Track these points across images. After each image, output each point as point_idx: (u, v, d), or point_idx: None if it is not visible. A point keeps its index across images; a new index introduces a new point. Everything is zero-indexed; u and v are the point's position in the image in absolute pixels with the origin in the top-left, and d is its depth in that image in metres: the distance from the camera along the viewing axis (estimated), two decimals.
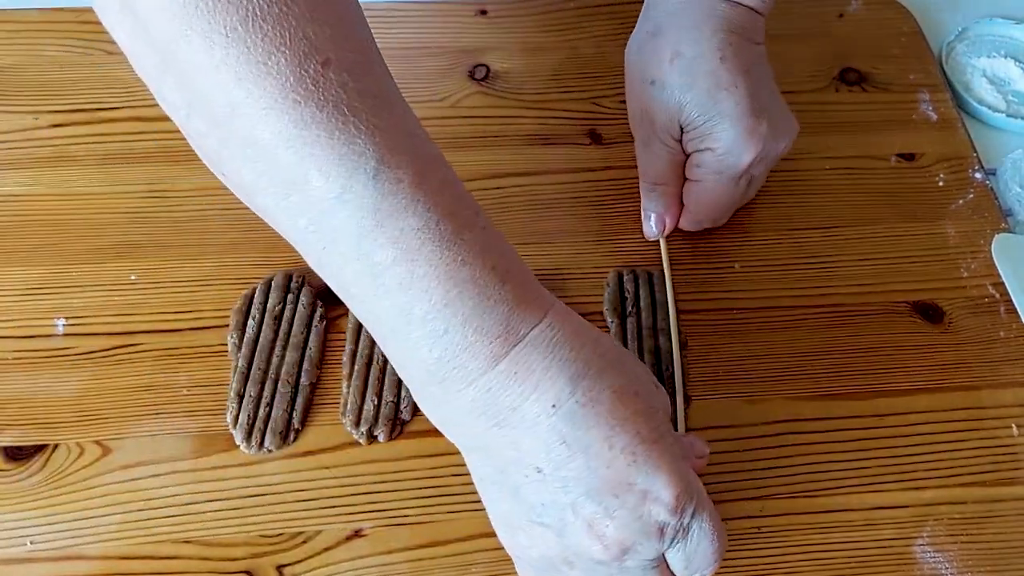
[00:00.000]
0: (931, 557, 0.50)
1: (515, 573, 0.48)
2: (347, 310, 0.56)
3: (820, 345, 0.57)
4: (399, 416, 0.52)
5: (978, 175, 0.65)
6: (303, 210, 0.35)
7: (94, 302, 0.55)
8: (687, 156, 0.57)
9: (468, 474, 0.51)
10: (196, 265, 0.57)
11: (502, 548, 0.48)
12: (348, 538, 0.49)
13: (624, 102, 0.67)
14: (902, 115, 0.68)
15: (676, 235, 0.60)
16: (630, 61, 0.59)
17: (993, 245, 0.60)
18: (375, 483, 0.51)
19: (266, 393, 0.52)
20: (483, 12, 0.71)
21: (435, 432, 0.52)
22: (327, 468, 0.51)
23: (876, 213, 0.63)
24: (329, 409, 0.53)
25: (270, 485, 0.50)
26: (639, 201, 0.61)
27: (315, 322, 0.55)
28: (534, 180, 0.62)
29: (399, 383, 0.53)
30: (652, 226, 0.58)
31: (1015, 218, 0.64)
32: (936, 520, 0.51)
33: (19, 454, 0.50)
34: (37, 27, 0.67)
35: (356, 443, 0.52)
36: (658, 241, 0.59)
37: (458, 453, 0.52)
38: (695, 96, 0.54)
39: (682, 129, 0.56)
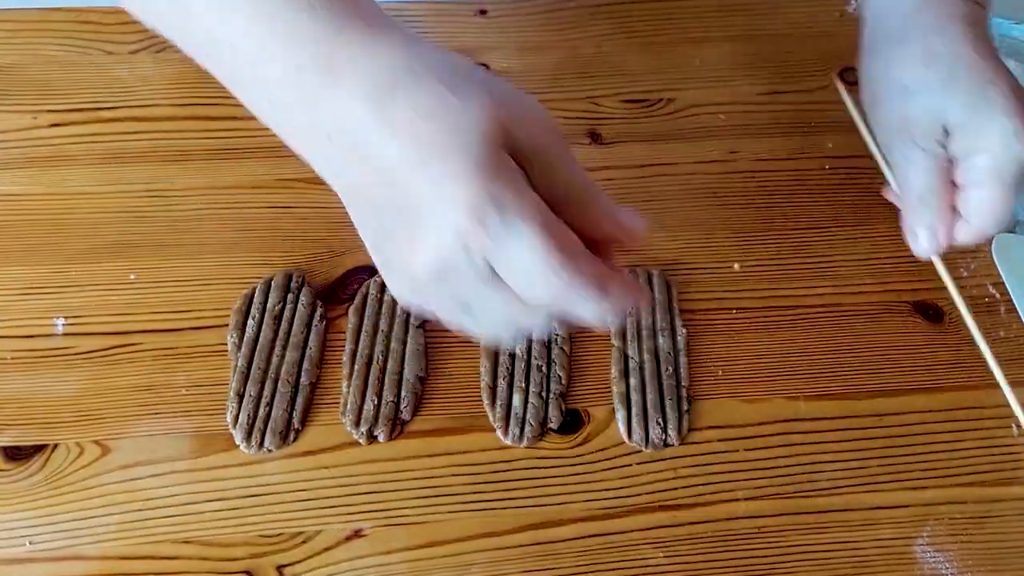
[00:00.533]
0: (931, 557, 0.50)
1: (514, 573, 0.48)
2: (347, 310, 0.56)
3: (820, 345, 0.57)
4: (399, 416, 0.52)
5: None
6: None
7: (93, 302, 0.55)
8: (954, 163, 0.52)
9: (468, 474, 0.51)
10: (195, 264, 0.57)
11: (502, 548, 0.49)
12: (348, 538, 0.49)
13: (625, 102, 0.67)
14: None
15: (679, 233, 0.61)
16: (871, 73, 0.57)
17: (993, 245, 0.60)
18: (375, 483, 0.51)
19: (266, 393, 0.52)
20: (483, 12, 0.71)
21: (435, 432, 0.53)
22: (327, 468, 0.51)
23: (876, 213, 0.63)
24: (329, 409, 0.53)
25: (270, 485, 0.50)
26: (639, 200, 0.61)
27: (315, 322, 0.55)
28: None
29: (399, 383, 0.53)
30: (924, 243, 0.54)
31: (1015, 218, 0.64)
32: (936, 520, 0.51)
33: (18, 454, 0.50)
34: (36, 27, 0.67)
35: (356, 443, 0.52)
36: (929, 260, 0.55)
37: (458, 453, 0.52)
38: (961, 94, 0.51)
39: (947, 133, 0.52)
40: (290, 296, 0.55)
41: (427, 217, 0.35)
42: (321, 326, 0.55)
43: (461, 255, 0.35)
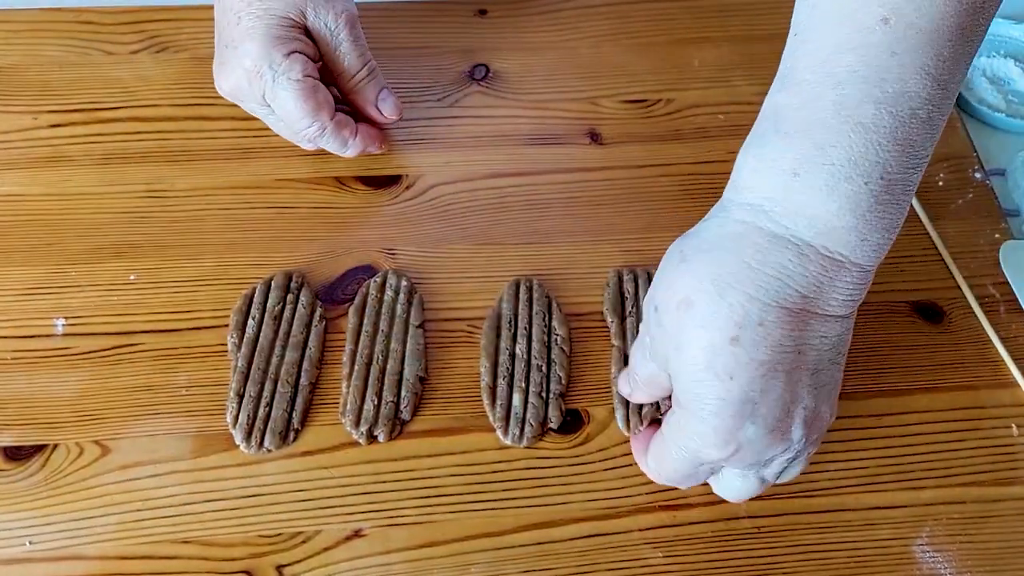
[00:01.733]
0: (930, 557, 0.50)
1: (514, 573, 0.48)
2: (346, 310, 0.56)
3: None
4: (399, 416, 0.52)
5: (978, 175, 0.65)
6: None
7: (93, 302, 0.55)
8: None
9: (468, 474, 0.51)
10: (195, 265, 0.57)
11: (502, 548, 0.49)
12: (347, 538, 0.49)
13: (624, 102, 0.67)
14: None
15: (679, 233, 0.60)
16: (681, 249, 0.44)
17: (1001, 252, 0.60)
18: (374, 483, 0.51)
19: (266, 393, 0.52)
20: (483, 12, 0.71)
21: (435, 432, 0.53)
22: (327, 468, 0.51)
23: None
24: (329, 409, 0.53)
25: (269, 485, 0.50)
26: (638, 200, 0.61)
27: (315, 322, 0.55)
28: (533, 180, 0.62)
29: (399, 383, 0.53)
30: (621, 386, 0.52)
31: (1021, 217, 0.64)
32: (935, 520, 0.51)
33: (18, 454, 0.50)
34: (37, 27, 0.67)
35: (356, 443, 0.52)
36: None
37: (458, 453, 0.52)
38: (683, 362, 0.41)
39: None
40: (290, 296, 0.55)
41: (233, 56, 0.55)
42: (321, 326, 0.55)
43: (247, 89, 0.56)
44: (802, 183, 0.39)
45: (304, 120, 0.55)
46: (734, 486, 0.46)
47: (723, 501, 0.51)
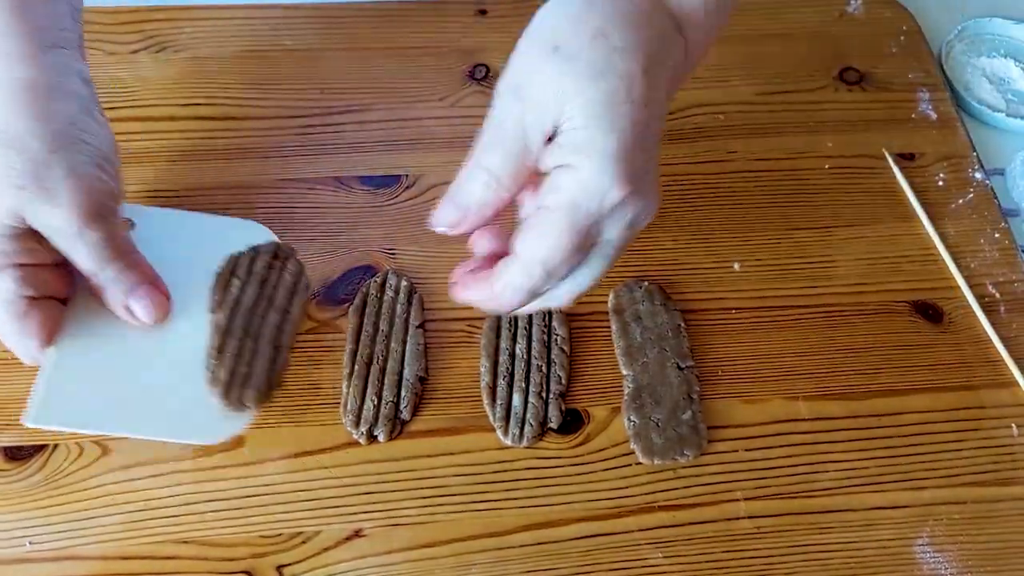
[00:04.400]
0: (931, 557, 0.50)
1: (515, 574, 0.48)
2: (345, 311, 0.56)
3: (819, 345, 0.57)
4: (399, 416, 0.52)
5: (978, 175, 0.65)
6: None
7: None
8: (539, 173, 0.42)
9: (468, 474, 0.51)
10: None
11: (503, 548, 0.49)
12: (348, 538, 0.49)
13: None
14: (902, 115, 0.68)
15: (678, 233, 0.61)
16: (539, 19, 0.42)
17: None
18: (375, 483, 0.51)
19: (247, 351, 0.51)
20: (483, 12, 0.71)
21: (435, 432, 0.53)
22: (327, 468, 0.51)
23: (876, 212, 0.63)
24: (329, 409, 0.53)
25: (270, 485, 0.50)
26: None
27: (299, 289, 0.54)
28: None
29: (399, 383, 0.53)
30: (440, 219, 0.43)
31: (1021, 217, 0.64)
32: (936, 520, 0.51)
33: (18, 454, 0.50)
34: None
35: (356, 443, 0.52)
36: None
37: (458, 453, 0.52)
38: (596, 93, 0.39)
39: (557, 130, 0.40)
40: (276, 263, 0.55)
41: None
42: (305, 294, 0.54)
43: None
44: None
45: (11, 344, 0.49)
46: (593, 271, 0.44)
47: (723, 501, 0.51)
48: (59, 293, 0.49)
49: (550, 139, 0.41)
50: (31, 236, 0.47)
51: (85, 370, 0.49)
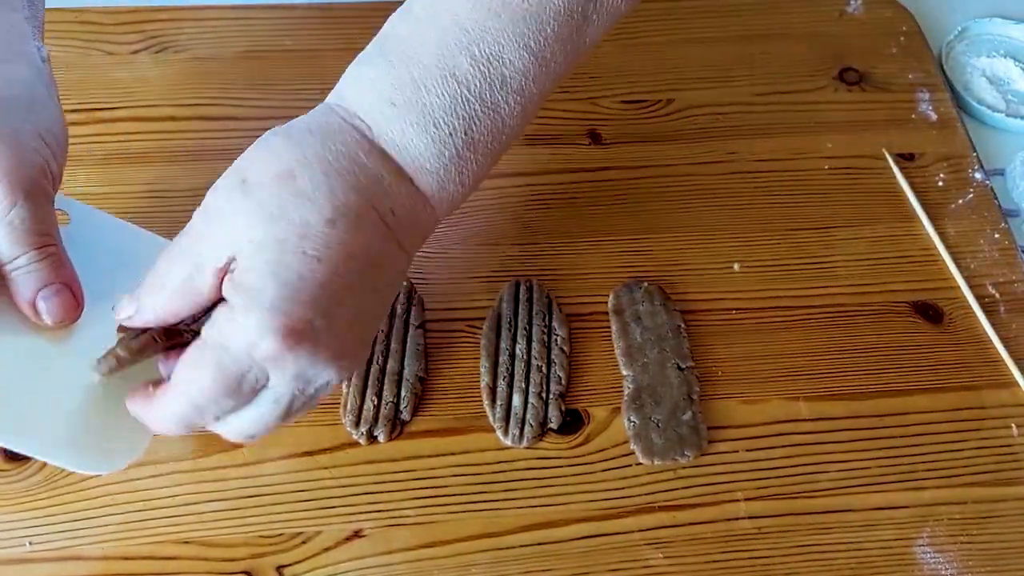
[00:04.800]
0: (931, 558, 0.50)
1: (515, 574, 0.48)
2: None
3: (820, 345, 0.57)
4: (399, 416, 0.52)
5: (978, 175, 0.65)
6: None
7: None
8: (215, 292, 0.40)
9: (468, 474, 0.51)
10: None
11: (502, 548, 0.49)
12: (348, 538, 0.49)
13: (624, 102, 0.67)
14: (902, 115, 0.68)
15: (678, 233, 0.61)
16: (250, 148, 0.42)
17: None
18: (375, 483, 0.51)
19: None
20: None
21: (435, 432, 0.53)
22: (327, 468, 0.51)
23: (876, 213, 0.63)
24: (329, 409, 0.53)
25: (270, 485, 0.50)
26: (638, 201, 0.61)
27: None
28: (534, 180, 0.62)
29: (399, 383, 0.53)
30: (122, 312, 0.41)
31: (1021, 217, 0.64)
32: (936, 520, 0.51)
33: (19, 454, 0.50)
34: None
35: (356, 443, 0.52)
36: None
37: (458, 453, 0.52)
38: (269, 236, 0.38)
39: (231, 264, 0.39)
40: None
41: None
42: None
43: None
44: (398, 114, 0.40)
45: None
46: (258, 414, 0.40)
47: (723, 501, 0.51)
48: None
49: (224, 271, 0.39)
50: None
51: None
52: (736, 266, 0.60)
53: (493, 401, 0.53)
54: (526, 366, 0.54)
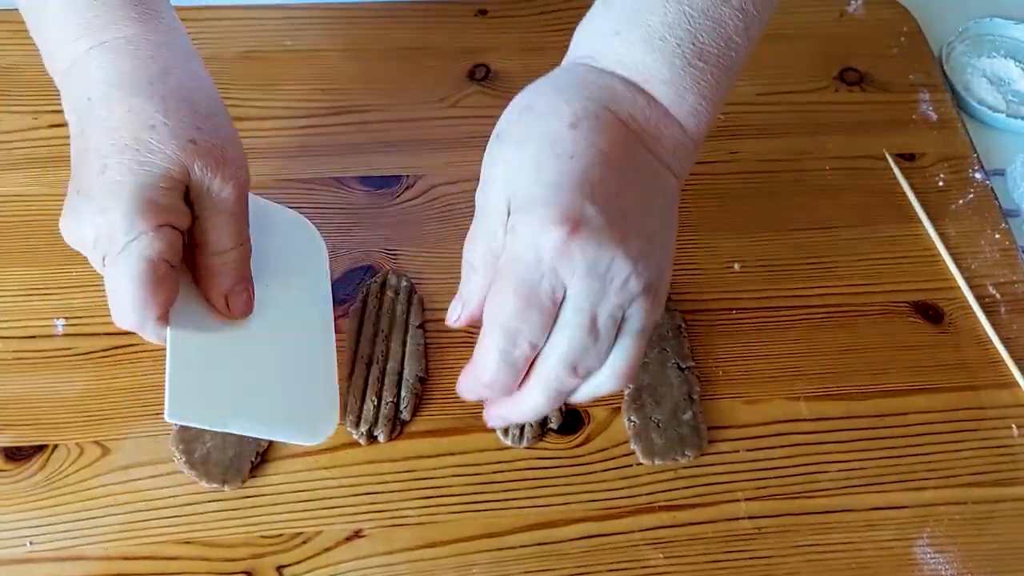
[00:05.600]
0: (931, 558, 0.50)
1: (516, 574, 0.48)
2: (346, 310, 0.56)
3: (820, 345, 0.57)
4: (399, 416, 0.52)
5: (978, 175, 0.65)
6: None
7: (94, 302, 0.55)
8: None
9: (469, 474, 0.51)
10: None
11: (503, 549, 0.49)
12: (348, 539, 0.49)
13: None
14: (902, 115, 0.68)
15: (679, 233, 0.60)
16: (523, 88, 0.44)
17: None
18: (375, 483, 0.51)
19: None
20: (483, 12, 0.71)
21: (435, 432, 0.53)
22: (327, 468, 0.51)
23: (876, 213, 0.63)
24: None
25: (270, 485, 0.50)
26: None
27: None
28: None
29: (399, 383, 0.53)
30: (450, 314, 0.45)
31: (1022, 217, 0.64)
32: (936, 521, 0.51)
33: (19, 454, 0.50)
34: None
35: (356, 443, 0.52)
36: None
37: (458, 453, 0.52)
38: (524, 158, 0.40)
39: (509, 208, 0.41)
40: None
41: (87, 208, 0.42)
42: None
43: (93, 246, 0.43)
44: (622, 40, 0.42)
45: (127, 306, 0.43)
46: (568, 332, 0.40)
47: (723, 502, 0.51)
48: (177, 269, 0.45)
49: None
50: (184, 198, 0.44)
51: (203, 363, 0.46)
52: (736, 266, 0.60)
53: None
54: None
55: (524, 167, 0.40)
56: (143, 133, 0.42)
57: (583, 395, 0.42)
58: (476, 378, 0.42)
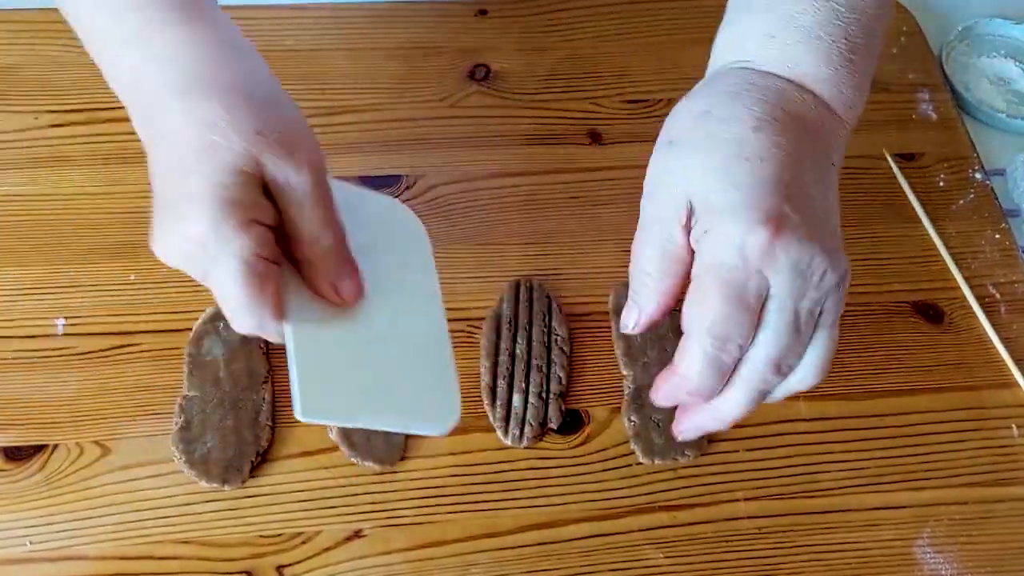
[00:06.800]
0: (931, 558, 0.50)
1: (516, 574, 0.48)
2: None
3: None
4: None
5: (978, 175, 0.65)
6: None
7: (93, 302, 0.55)
8: (691, 254, 0.42)
9: (469, 474, 0.51)
10: None
11: (502, 548, 0.49)
12: (348, 538, 0.49)
13: (625, 102, 0.67)
14: (902, 115, 0.68)
15: None
16: (665, 124, 0.45)
17: None
18: (375, 483, 0.51)
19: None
20: (483, 12, 0.71)
21: None
22: (327, 468, 0.51)
23: (876, 213, 0.63)
24: None
25: (270, 485, 0.50)
26: (639, 201, 0.61)
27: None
28: (534, 180, 0.62)
29: None
30: (627, 320, 0.44)
31: (1022, 217, 0.64)
32: (936, 521, 0.51)
33: (18, 454, 0.50)
34: (37, 27, 0.67)
35: None
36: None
37: (458, 453, 0.52)
38: (711, 163, 0.41)
39: (692, 212, 0.41)
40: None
41: (172, 219, 0.42)
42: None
43: (189, 260, 0.42)
44: (778, 43, 0.43)
45: (240, 310, 0.42)
46: (773, 331, 0.40)
47: (724, 501, 0.51)
48: (279, 262, 0.44)
49: (689, 224, 0.41)
50: (264, 193, 0.42)
51: (326, 358, 0.44)
52: None
53: (493, 401, 0.53)
54: (526, 366, 0.54)
55: (713, 172, 0.40)
56: (208, 134, 0.41)
57: (781, 393, 0.42)
58: (679, 385, 0.41)
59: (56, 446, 0.51)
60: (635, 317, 0.43)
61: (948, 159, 0.66)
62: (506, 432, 0.52)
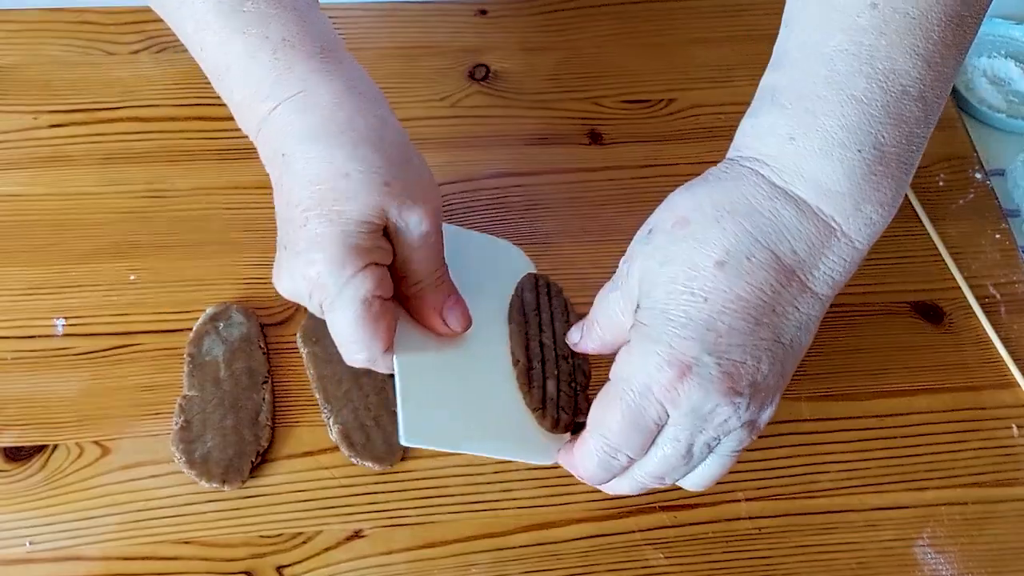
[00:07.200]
0: (931, 558, 0.50)
1: (516, 574, 0.48)
2: None
3: (821, 346, 0.56)
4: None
5: (978, 175, 0.65)
6: None
7: (93, 302, 0.55)
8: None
9: (468, 474, 0.51)
10: (195, 265, 0.57)
11: (503, 549, 0.49)
12: (348, 539, 0.49)
13: (626, 102, 0.67)
14: None
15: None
16: (665, 201, 0.45)
17: None
18: (375, 483, 0.51)
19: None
20: (483, 12, 0.71)
21: None
22: (327, 468, 0.51)
23: None
24: None
25: (270, 485, 0.50)
26: (639, 201, 0.61)
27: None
28: (534, 180, 0.62)
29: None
30: (573, 337, 0.48)
31: (1022, 217, 0.64)
32: (936, 521, 0.51)
33: (18, 454, 0.50)
34: (37, 27, 0.67)
35: None
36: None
37: (459, 454, 0.52)
38: (663, 278, 0.41)
39: (638, 307, 0.42)
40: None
41: (295, 263, 0.44)
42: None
43: (309, 299, 0.45)
44: (798, 147, 0.40)
45: (354, 346, 0.45)
46: (663, 454, 0.42)
47: (724, 502, 0.51)
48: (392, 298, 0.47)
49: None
50: (383, 235, 0.45)
51: (431, 387, 0.46)
52: None
53: (529, 384, 0.49)
54: (555, 355, 0.52)
55: (658, 286, 0.41)
56: (338, 183, 0.43)
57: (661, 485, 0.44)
58: (574, 468, 0.44)
59: (56, 446, 0.51)
60: (577, 339, 0.47)
61: (948, 159, 0.66)
62: (544, 415, 0.50)
